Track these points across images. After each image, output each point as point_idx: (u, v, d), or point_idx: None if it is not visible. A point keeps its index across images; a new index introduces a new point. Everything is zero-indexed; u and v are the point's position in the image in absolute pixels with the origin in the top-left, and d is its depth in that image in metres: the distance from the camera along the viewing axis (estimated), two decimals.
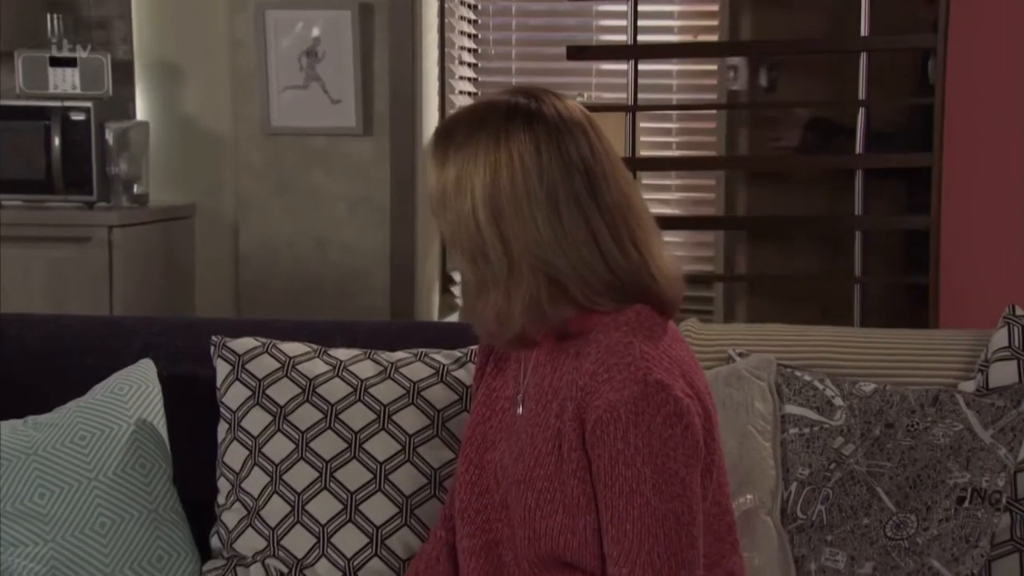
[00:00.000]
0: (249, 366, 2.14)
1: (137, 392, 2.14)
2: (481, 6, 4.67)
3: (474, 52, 4.66)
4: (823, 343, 2.23)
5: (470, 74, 4.65)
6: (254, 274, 4.22)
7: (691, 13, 4.56)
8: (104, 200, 3.98)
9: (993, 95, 3.23)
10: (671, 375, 1.57)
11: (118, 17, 4.25)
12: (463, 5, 4.59)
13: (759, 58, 4.31)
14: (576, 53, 4.18)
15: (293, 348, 2.18)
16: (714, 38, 4.44)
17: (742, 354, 2.19)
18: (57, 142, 3.91)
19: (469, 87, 4.63)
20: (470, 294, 1.66)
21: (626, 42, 4.20)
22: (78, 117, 3.92)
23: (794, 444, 2.05)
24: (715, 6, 4.44)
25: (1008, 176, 3.16)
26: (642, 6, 4.21)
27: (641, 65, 4.19)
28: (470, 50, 4.64)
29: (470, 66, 4.65)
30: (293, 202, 4.18)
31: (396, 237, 4.19)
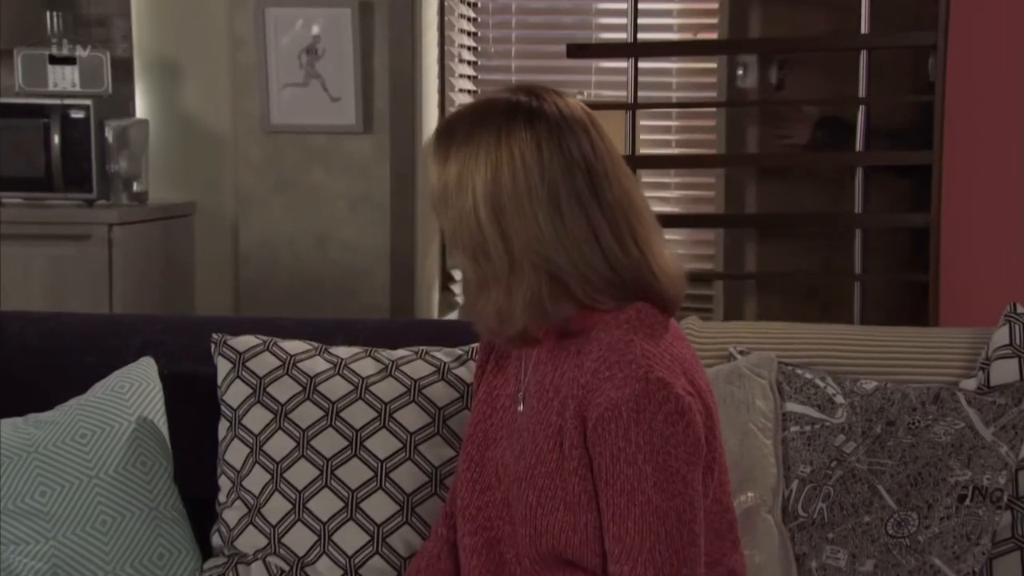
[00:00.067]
0: (250, 364, 2.14)
1: (138, 390, 2.14)
2: (481, 4, 4.67)
3: (474, 50, 4.66)
4: (824, 341, 2.23)
5: (470, 72, 4.64)
6: (254, 272, 4.22)
7: (691, 11, 4.57)
8: (104, 198, 3.97)
9: (993, 93, 3.23)
10: (672, 373, 1.57)
11: (118, 15, 4.24)
12: (463, 3, 4.59)
13: (768, 55, 4.30)
14: (576, 51, 4.18)
15: (294, 346, 2.18)
16: (714, 36, 4.44)
17: (743, 352, 2.19)
18: (57, 140, 3.90)
19: (469, 85, 4.63)
20: (471, 292, 1.66)
21: (626, 40, 4.20)
22: (78, 115, 3.91)
23: (795, 442, 2.05)
24: (715, 4, 4.44)
25: (1008, 173, 3.16)
26: (642, 4, 4.22)
27: (641, 63, 4.19)
28: (470, 48, 4.64)
29: (470, 64, 4.65)
30: (293, 200, 4.18)
31: (396, 235, 4.19)
